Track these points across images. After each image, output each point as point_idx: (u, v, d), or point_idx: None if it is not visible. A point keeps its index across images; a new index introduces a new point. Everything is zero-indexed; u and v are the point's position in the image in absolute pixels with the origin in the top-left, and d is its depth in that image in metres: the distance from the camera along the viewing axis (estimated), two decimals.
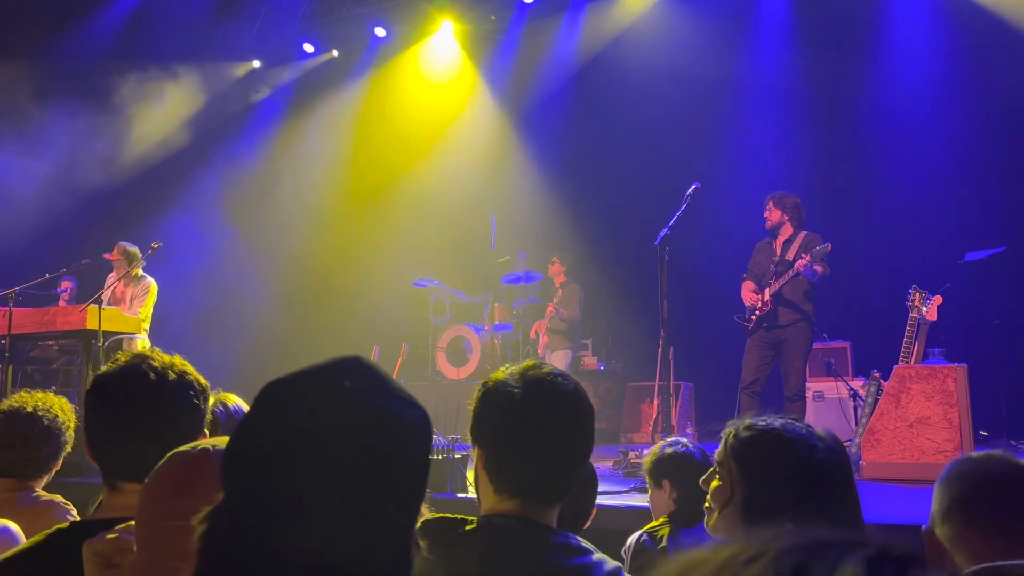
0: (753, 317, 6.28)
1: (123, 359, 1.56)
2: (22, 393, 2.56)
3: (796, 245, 6.23)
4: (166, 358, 1.58)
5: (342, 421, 0.80)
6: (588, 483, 2.27)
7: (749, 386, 6.22)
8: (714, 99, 8.26)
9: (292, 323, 9.64)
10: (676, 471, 2.72)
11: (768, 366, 6.32)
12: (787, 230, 6.22)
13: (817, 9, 7.82)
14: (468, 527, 1.48)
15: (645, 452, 5.09)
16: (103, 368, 1.58)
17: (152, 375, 1.53)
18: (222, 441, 1.20)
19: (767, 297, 6.18)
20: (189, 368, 1.59)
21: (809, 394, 6.78)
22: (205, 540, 0.79)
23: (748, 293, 6.35)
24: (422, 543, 0.86)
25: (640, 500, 4.05)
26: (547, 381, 1.53)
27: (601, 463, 5.21)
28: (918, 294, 4.87)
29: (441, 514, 1.53)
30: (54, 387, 7.31)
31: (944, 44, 7.41)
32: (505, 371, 1.58)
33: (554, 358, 7.58)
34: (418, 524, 0.88)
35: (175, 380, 1.55)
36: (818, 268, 5.94)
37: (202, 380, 1.60)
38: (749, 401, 6.08)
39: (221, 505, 0.80)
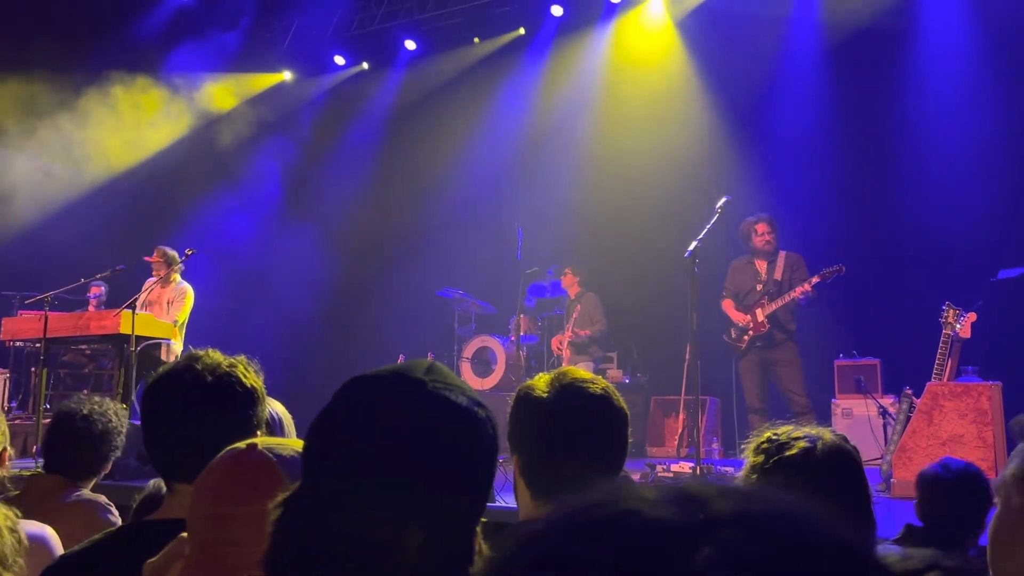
0: (746, 337, 6.28)
1: (183, 361, 1.57)
2: (79, 395, 2.64)
3: (781, 265, 6.27)
4: (219, 359, 1.57)
5: (419, 413, 0.83)
6: None
7: (757, 408, 6.25)
8: (744, 111, 8.23)
9: (319, 332, 9.71)
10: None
11: (767, 383, 6.37)
12: (770, 249, 6.30)
13: (848, 22, 7.78)
14: None
15: (672, 466, 5.07)
16: (160, 370, 1.61)
17: (200, 378, 1.53)
18: (272, 441, 1.23)
19: (761, 318, 6.20)
20: (240, 371, 1.57)
21: (838, 411, 6.73)
22: (279, 524, 0.81)
23: (737, 313, 6.36)
24: (484, 544, 0.88)
25: None
26: (576, 385, 1.56)
27: None
28: (952, 311, 4.81)
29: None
30: (85, 391, 7.43)
31: (977, 57, 7.34)
32: (539, 378, 1.62)
33: None
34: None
35: (222, 383, 1.53)
36: (811, 293, 6.01)
37: (254, 382, 1.59)
38: (760, 420, 6.08)
39: (297, 491, 0.83)
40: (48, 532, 2.08)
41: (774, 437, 1.60)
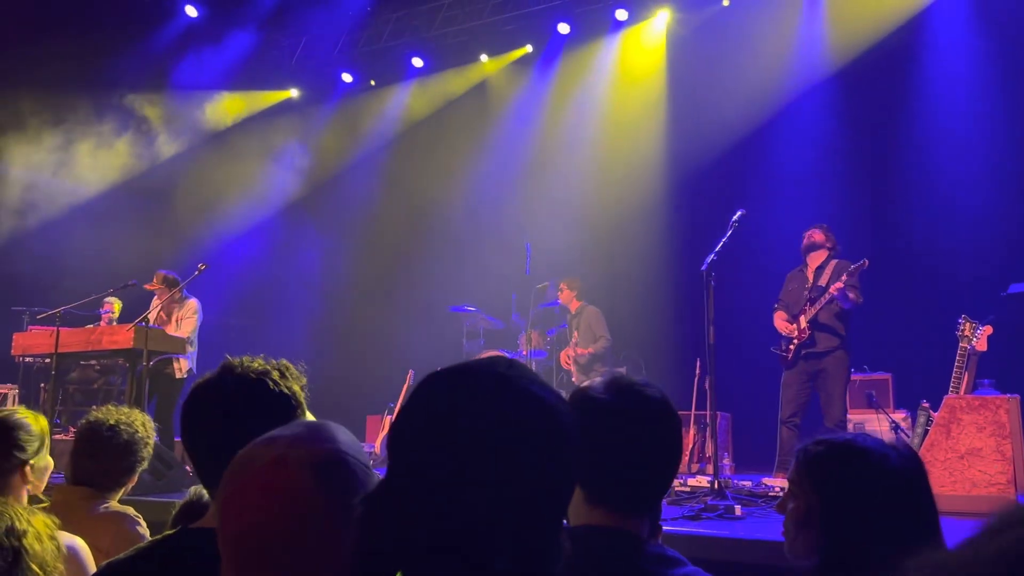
0: (791, 347, 6.21)
1: (218, 370, 1.55)
2: (108, 406, 2.62)
3: (829, 271, 6.21)
4: (253, 367, 1.53)
5: (501, 405, 0.83)
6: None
7: (789, 419, 6.14)
8: (755, 123, 8.25)
9: (328, 346, 9.69)
10: None
11: (807, 397, 6.25)
12: (821, 255, 6.23)
13: (857, 34, 7.83)
14: None
15: (689, 480, 5.04)
16: (199, 379, 1.59)
17: (230, 386, 1.51)
18: (325, 431, 1.17)
19: (804, 324, 6.13)
20: (273, 377, 1.53)
21: (849, 426, 6.68)
22: (363, 523, 0.80)
23: (782, 323, 6.30)
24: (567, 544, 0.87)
25: (691, 528, 4.00)
26: (635, 389, 1.55)
27: None
28: (968, 324, 4.80)
29: None
30: (94, 407, 7.40)
31: (988, 68, 7.38)
32: (594, 382, 1.60)
33: None
34: None
35: (252, 391, 1.50)
36: (851, 295, 5.91)
37: (287, 389, 1.54)
38: (790, 433, 6.01)
39: (383, 491, 0.81)
40: (79, 543, 2.08)
41: (837, 439, 1.63)
